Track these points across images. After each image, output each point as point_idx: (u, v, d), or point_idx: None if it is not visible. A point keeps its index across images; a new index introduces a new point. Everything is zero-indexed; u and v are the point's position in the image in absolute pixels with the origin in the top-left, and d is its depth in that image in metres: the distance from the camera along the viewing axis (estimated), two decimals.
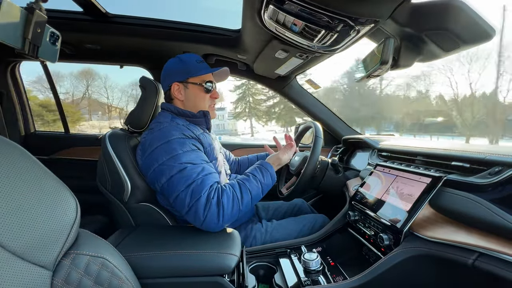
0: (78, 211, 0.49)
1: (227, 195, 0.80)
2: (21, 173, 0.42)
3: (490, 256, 0.50)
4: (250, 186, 0.86)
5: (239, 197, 0.82)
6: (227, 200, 0.79)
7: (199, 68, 0.98)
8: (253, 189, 0.86)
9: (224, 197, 0.79)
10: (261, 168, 0.93)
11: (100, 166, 0.95)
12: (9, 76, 1.67)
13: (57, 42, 0.70)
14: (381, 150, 1.10)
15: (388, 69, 0.82)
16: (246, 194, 0.84)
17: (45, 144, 1.74)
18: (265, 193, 0.91)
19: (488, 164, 0.62)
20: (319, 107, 1.66)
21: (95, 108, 21.57)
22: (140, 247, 0.71)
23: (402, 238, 0.67)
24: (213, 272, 0.67)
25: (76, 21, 1.17)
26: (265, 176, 0.91)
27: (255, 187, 0.87)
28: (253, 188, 0.86)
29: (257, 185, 0.88)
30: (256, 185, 0.87)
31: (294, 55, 1.12)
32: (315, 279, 0.76)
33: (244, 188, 0.85)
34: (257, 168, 0.94)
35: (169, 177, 0.80)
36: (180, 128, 0.89)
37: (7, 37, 0.57)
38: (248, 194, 0.84)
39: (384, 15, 0.71)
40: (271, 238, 1.01)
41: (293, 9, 0.74)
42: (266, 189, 0.91)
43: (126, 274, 0.53)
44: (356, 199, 0.93)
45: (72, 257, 0.47)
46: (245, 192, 0.84)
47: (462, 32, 0.67)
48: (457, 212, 0.61)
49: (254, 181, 0.88)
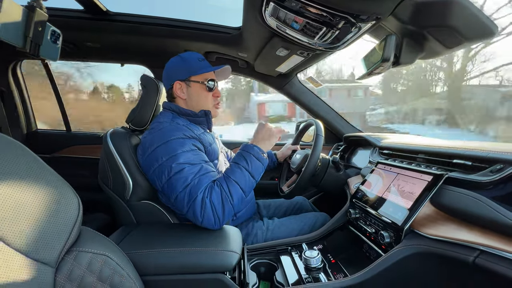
0: (80, 209, 0.50)
1: (216, 193, 0.78)
2: (23, 171, 0.43)
3: (492, 254, 0.50)
4: (235, 177, 0.82)
5: (227, 192, 0.79)
6: (216, 199, 0.77)
7: (201, 66, 0.98)
8: (239, 180, 0.82)
9: (214, 196, 0.78)
10: (243, 153, 0.87)
11: (101, 164, 0.95)
12: (10, 75, 1.67)
13: (58, 40, 0.70)
14: (382, 147, 1.10)
15: (390, 66, 0.81)
16: (233, 187, 0.80)
17: (47, 143, 1.75)
18: (258, 178, 0.87)
19: (490, 162, 0.62)
20: (320, 105, 1.65)
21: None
22: (142, 244, 0.72)
23: (403, 235, 0.68)
24: (215, 269, 0.68)
25: (77, 19, 1.17)
26: (248, 160, 0.85)
27: (241, 177, 0.82)
28: (240, 178, 0.82)
29: (242, 173, 0.83)
30: (241, 173, 0.83)
31: (295, 53, 1.12)
32: (316, 277, 0.76)
33: (229, 181, 0.81)
34: (239, 154, 0.88)
35: (168, 177, 0.81)
36: (181, 128, 0.89)
37: (8, 35, 0.57)
38: (236, 186, 0.81)
39: (386, 12, 0.70)
40: (272, 236, 1.01)
41: (294, 6, 0.74)
42: (257, 174, 0.86)
43: (128, 271, 0.54)
44: (357, 197, 0.93)
45: (75, 254, 0.47)
46: (232, 185, 0.80)
47: (464, 28, 0.66)
48: (459, 209, 0.61)
49: (238, 170, 0.83)
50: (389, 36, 0.75)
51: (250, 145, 0.89)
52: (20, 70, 1.74)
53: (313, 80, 1.60)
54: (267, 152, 1.21)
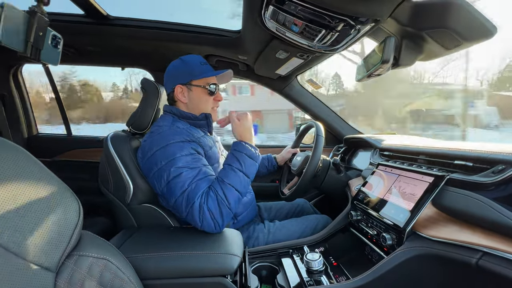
0: (81, 213, 0.50)
1: (212, 199, 0.77)
2: (24, 175, 0.43)
3: (494, 255, 0.50)
4: (229, 180, 0.80)
5: (223, 197, 0.78)
6: (213, 205, 0.77)
7: (202, 70, 0.98)
8: (234, 182, 0.80)
9: (210, 202, 0.77)
10: (235, 153, 0.85)
11: (102, 168, 0.95)
12: (11, 79, 1.68)
13: (59, 45, 0.71)
14: (383, 149, 1.10)
15: (389, 68, 0.81)
16: (228, 190, 0.79)
17: (48, 146, 1.75)
18: (253, 176, 0.85)
19: (491, 163, 0.61)
20: (320, 107, 1.65)
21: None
22: (142, 248, 0.71)
23: (405, 237, 0.67)
24: (216, 273, 0.67)
25: (77, 24, 1.17)
26: (241, 161, 0.83)
27: (235, 179, 0.81)
28: (234, 181, 0.80)
29: (236, 174, 0.81)
30: (234, 175, 0.81)
31: (295, 55, 1.12)
32: (318, 279, 0.76)
33: (224, 185, 0.79)
34: (231, 155, 0.86)
35: (167, 181, 0.81)
36: (180, 132, 0.89)
37: (9, 40, 0.57)
38: (231, 189, 0.79)
39: (385, 14, 0.70)
40: (273, 239, 1.01)
41: (293, 9, 0.74)
42: (251, 172, 0.84)
43: (129, 275, 0.53)
44: (358, 198, 0.93)
45: (75, 258, 0.47)
46: (227, 188, 0.79)
47: (463, 30, 0.66)
48: (460, 211, 0.61)
49: (232, 172, 0.81)
50: (388, 38, 0.75)
51: (240, 144, 0.86)
52: (21, 75, 1.75)
53: (312, 82, 1.60)
54: (267, 155, 1.20)
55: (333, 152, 1.60)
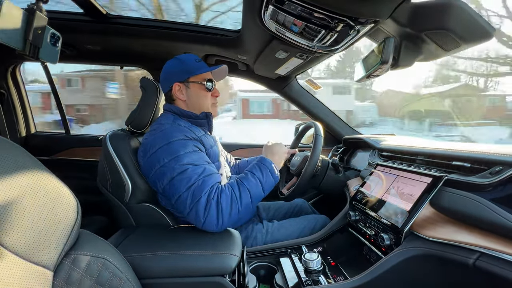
0: (79, 212, 0.50)
1: (226, 195, 0.79)
2: (22, 174, 0.42)
3: (492, 256, 0.50)
4: (249, 185, 0.84)
5: (238, 196, 0.81)
6: (225, 201, 0.78)
7: (198, 67, 0.98)
8: (251, 188, 0.84)
9: (223, 198, 0.78)
10: (260, 165, 0.90)
11: (101, 167, 0.95)
12: (9, 77, 1.67)
13: (57, 43, 0.70)
14: (381, 150, 1.10)
15: (388, 68, 0.81)
16: (244, 193, 0.82)
17: (46, 145, 1.75)
18: (267, 193, 0.89)
19: (489, 164, 0.62)
20: (319, 107, 1.66)
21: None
22: (140, 247, 0.71)
23: (403, 238, 0.67)
24: (214, 272, 0.67)
25: (76, 22, 1.17)
26: (264, 173, 0.88)
27: (253, 186, 0.85)
28: (252, 187, 0.84)
29: (256, 183, 0.85)
30: (254, 183, 0.85)
31: (294, 55, 1.12)
32: (316, 279, 0.76)
33: (242, 187, 0.83)
34: (255, 165, 0.91)
35: (170, 178, 0.80)
36: (182, 130, 0.89)
37: (8, 38, 0.57)
38: (247, 192, 0.83)
39: (384, 15, 0.70)
40: (272, 239, 1.01)
41: (293, 9, 0.74)
42: (267, 188, 0.89)
43: (127, 274, 0.53)
44: (357, 199, 0.93)
45: (73, 257, 0.47)
46: (244, 191, 0.82)
47: (462, 31, 0.66)
48: (458, 211, 0.61)
49: (253, 179, 0.86)
50: (387, 39, 0.75)
51: (268, 160, 0.92)
52: (20, 73, 1.74)
53: (312, 82, 1.60)
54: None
55: (332, 152, 1.60)
